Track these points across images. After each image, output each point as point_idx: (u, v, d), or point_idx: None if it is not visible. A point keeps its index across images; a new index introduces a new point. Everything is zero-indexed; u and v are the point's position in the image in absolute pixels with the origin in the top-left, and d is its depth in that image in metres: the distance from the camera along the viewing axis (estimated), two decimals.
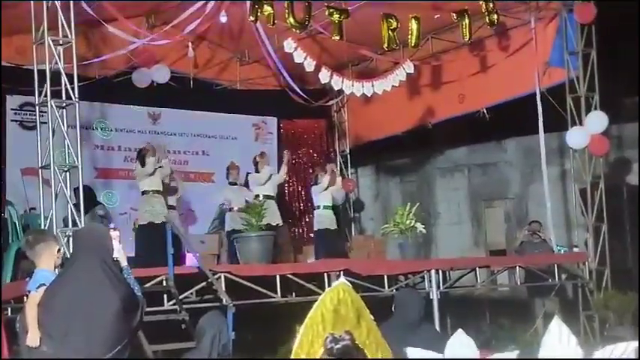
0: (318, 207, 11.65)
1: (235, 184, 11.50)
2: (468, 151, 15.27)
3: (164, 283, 8.22)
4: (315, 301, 3.98)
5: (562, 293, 10.96)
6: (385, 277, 9.35)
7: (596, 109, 10.85)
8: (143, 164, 10.06)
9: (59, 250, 5.63)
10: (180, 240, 9.19)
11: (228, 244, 10.69)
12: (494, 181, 15.11)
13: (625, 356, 3.24)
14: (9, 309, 6.43)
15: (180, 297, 8.19)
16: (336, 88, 11.13)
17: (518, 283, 11.04)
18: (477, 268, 10.74)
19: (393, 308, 6.70)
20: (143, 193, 10.23)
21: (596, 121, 10.74)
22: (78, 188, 8.45)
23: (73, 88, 8.18)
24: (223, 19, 9.51)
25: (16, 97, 10.93)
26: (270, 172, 11.16)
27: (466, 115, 12.54)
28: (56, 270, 5.32)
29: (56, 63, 8.14)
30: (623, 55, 11.68)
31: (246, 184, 11.55)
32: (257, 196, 10.56)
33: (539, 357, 3.31)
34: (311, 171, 12.84)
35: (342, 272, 4.53)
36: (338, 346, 3.55)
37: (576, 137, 10.90)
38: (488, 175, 15.24)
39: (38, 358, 4.89)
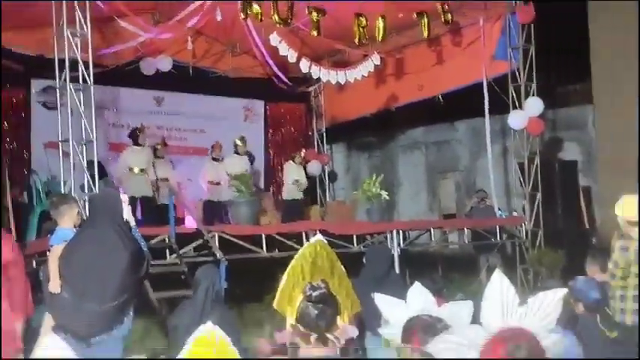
0: (288, 182, 12.04)
1: (217, 159, 11.55)
2: (425, 131, 15.36)
3: (166, 240, 8.22)
4: (295, 255, 3.99)
5: (502, 251, 11.08)
6: (354, 236, 9.41)
7: (533, 95, 10.93)
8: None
9: (78, 212, 5.61)
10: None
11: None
12: (447, 157, 15.19)
13: (553, 302, 3.27)
14: (34, 262, 6.38)
15: (180, 252, 8.20)
16: (314, 77, 11.18)
17: (466, 241, 11.13)
18: (432, 229, 10.85)
19: (365, 260, 6.73)
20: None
21: (534, 105, 10.82)
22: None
23: (88, 74, 8.18)
24: (218, 16, 9.44)
25: (40, 81, 10.91)
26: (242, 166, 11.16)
27: (424, 101, 12.63)
28: (75, 228, 5.29)
29: (74, 52, 8.14)
30: (557, 50, 11.69)
31: None
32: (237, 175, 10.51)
33: (483, 304, 3.34)
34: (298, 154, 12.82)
35: (317, 231, 4.54)
36: (315, 293, 3.55)
37: (516, 119, 10.97)
38: (441, 151, 15.32)
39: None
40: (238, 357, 3.10)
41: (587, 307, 5.79)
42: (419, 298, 4.30)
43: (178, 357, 3.04)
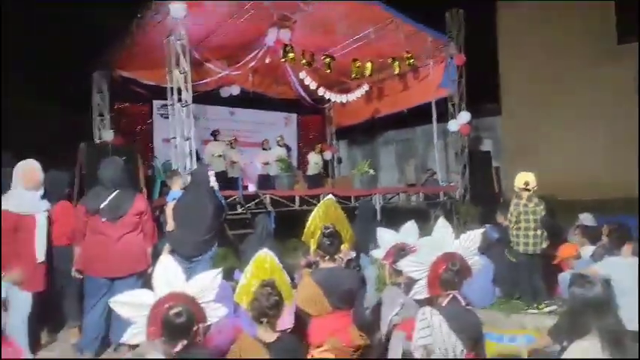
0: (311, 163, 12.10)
1: (265, 149, 11.62)
2: (396, 132, 15.25)
3: (237, 199, 8.26)
4: (315, 208, 3.99)
5: (444, 207, 11.00)
6: (352, 197, 9.39)
7: (463, 110, 10.80)
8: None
9: (182, 181, 5.66)
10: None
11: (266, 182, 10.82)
12: (409, 149, 15.09)
13: (475, 237, 3.27)
14: (157, 211, 6.40)
15: (246, 206, 8.25)
16: (327, 98, 11.08)
17: (422, 200, 11.10)
18: (400, 193, 10.81)
19: (356, 212, 6.74)
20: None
21: (464, 116, 10.69)
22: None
23: (188, 97, 8.10)
24: (267, 60, 9.40)
25: (159, 101, 10.84)
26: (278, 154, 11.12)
27: (395, 113, 12.48)
28: (181, 191, 5.34)
29: (179, 83, 8.10)
30: (480, 82, 11.52)
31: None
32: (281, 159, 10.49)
33: (433, 237, 3.33)
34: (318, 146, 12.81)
35: (329, 194, 4.59)
36: (327, 231, 3.57)
37: (453, 125, 10.86)
38: (406, 145, 15.22)
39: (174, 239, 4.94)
40: (282, 270, 3.15)
41: (491, 243, 5.82)
42: (408, 231, 4.32)
43: (245, 271, 3.10)
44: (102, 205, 4.07)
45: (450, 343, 2.85)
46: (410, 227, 4.29)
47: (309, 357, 3.21)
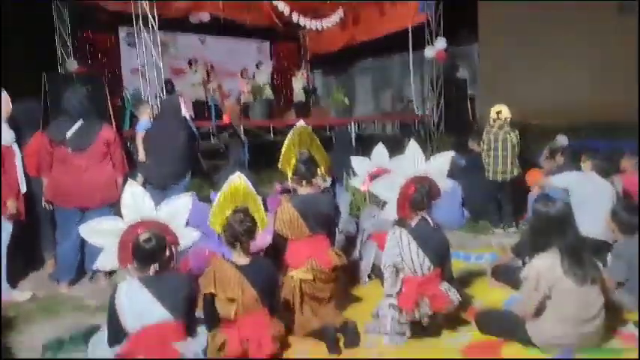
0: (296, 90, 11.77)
1: (244, 77, 11.38)
2: (372, 60, 14.93)
3: (210, 129, 8.16)
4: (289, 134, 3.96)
5: (419, 135, 11.07)
6: (327, 126, 9.36)
7: (439, 36, 10.62)
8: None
9: (151, 111, 5.53)
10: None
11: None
12: (386, 78, 14.87)
13: (445, 160, 3.33)
14: (128, 142, 6.25)
15: (218, 136, 8.18)
16: (302, 24, 10.72)
17: (396, 129, 11.13)
18: (375, 121, 10.82)
19: (334, 140, 6.74)
20: None
21: (440, 43, 10.54)
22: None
23: (155, 24, 7.77)
24: None
25: (125, 28, 10.46)
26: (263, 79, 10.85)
27: (371, 41, 12.16)
28: (149, 121, 5.23)
29: (144, 10, 7.77)
30: (458, 9, 11.20)
31: None
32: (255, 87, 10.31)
33: (404, 159, 3.37)
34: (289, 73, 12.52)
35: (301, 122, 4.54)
36: (303, 157, 3.56)
37: (429, 52, 10.70)
38: (383, 74, 15.00)
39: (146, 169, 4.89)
40: (256, 195, 3.15)
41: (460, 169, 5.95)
42: (379, 153, 4.37)
43: (218, 196, 3.09)
44: (67, 135, 3.97)
45: (418, 260, 2.96)
46: (380, 150, 4.36)
47: (286, 278, 3.29)
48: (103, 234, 2.74)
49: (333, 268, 3.34)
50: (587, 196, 4.06)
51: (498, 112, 5.56)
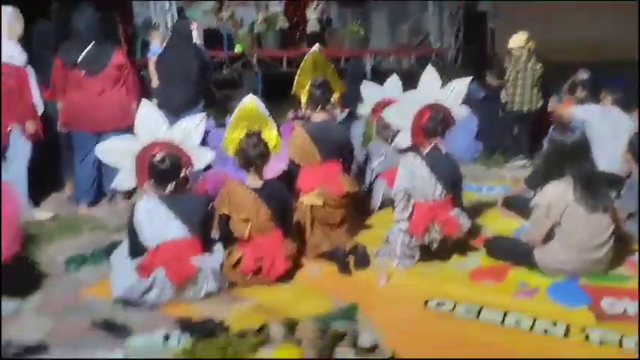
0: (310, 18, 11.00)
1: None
2: None
3: (223, 58, 8.02)
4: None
5: (437, 67, 10.76)
6: (342, 58, 9.15)
7: None
8: None
9: (162, 36, 5.47)
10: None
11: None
12: (404, 13, 14.35)
13: (461, 87, 3.27)
14: (142, 70, 6.17)
15: (231, 66, 8.05)
16: None
17: (413, 61, 10.91)
18: (392, 55, 10.59)
19: (347, 72, 6.61)
20: None
21: None
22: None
23: None
24: None
25: None
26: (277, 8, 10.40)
27: None
28: (162, 46, 5.17)
29: None
30: None
31: None
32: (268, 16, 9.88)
33: (420, 85, 3.33)
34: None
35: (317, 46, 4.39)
36: (318, 82, 3.52)
37: None
38: (400, 10, 14.47)
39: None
40: (269, 118, 3.16)
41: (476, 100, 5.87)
42: (392, 84, 4.32)
43: (230, 119, 3.10)
44: (80, 58, 3.95)
45: (430, 185, 2.99)
46: (394, 81, 4.30)
47: (298, 202, 3.34)
48: (118, 154, 2.80)
49: (344, 194, 3.37)
50: (606, 129, 4.06)
51: (527, 39, 5.43)
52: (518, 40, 5.56)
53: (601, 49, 10.22)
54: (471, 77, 3.67)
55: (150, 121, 2.82)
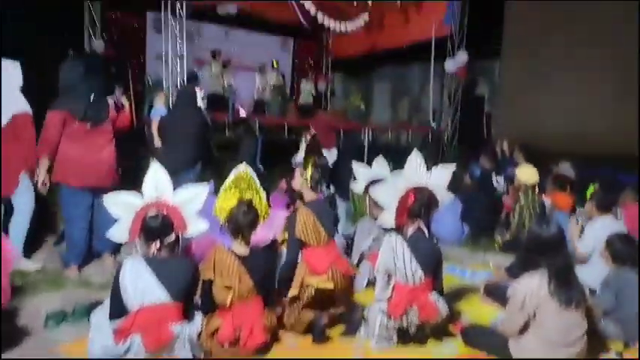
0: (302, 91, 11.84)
1: (262, 73, 11.51)
2: (393, 67, 15.02)
3: (226, 121, 8.31)
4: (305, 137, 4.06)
5: (430, 146, 11.15)
6: (341, 130, 9.43)
7: (461, 49, 10.71)
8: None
9: (166, 98, 5.69)
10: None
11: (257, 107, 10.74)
12: (405, 85, 14.96)
13: (447, 172, 3.41)
14: (144, 126, 6.41)
15: (233, 130, 8.33)
16: (326, 25, 10.81)
17: (410, 140, 11.25)
18: (390, 130, 10.94)
19: (341, 146, 6.84)
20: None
21: (462, 56, 10.64)
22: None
23: (182, 11, 7.96)
24: None
25: (152, 13, 10.57)
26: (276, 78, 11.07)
27: (394, 48, 12.26)
28: (164, 108, 5.39)
29: None
30: (480, 22, 11.24)
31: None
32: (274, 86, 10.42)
33: (405, 169, 3.47)
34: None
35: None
36: (321, 163, 3.65)
37: (450, 65, 10.80)
38: (402, 81, 15.08)
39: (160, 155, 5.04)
40: (260, 189, 3.28)
41: (471, 178, 6.04)
42: (379, 165, 4.49)
43: (223, 185, 3.23)
44: (84, 110, 3.95)
45: (411, 268, 3.08)
46: (380, 161, 4.49)
47: (304, 285, 3.32)
48: (123, 206, 2.90)
49: (351, 274, 3.42)
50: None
51: (536, 181, 5.39)
52: (531, 176, 5.40)
53: (597, 140, 10.56)
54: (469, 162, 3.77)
55: (157, 182, 2.96)
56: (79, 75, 4.03)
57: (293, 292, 3.20)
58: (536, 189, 5.39)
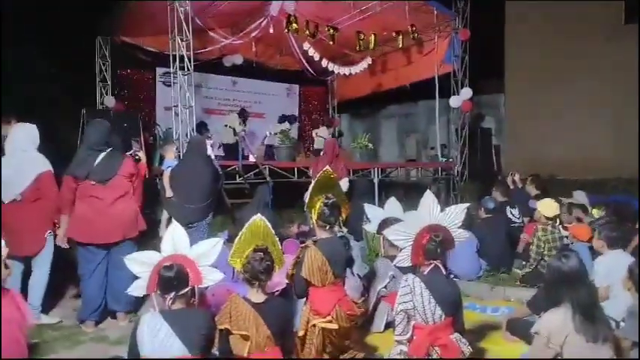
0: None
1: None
2: (398, 106, 15.26)
3: (237, 168, 8.38)
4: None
5: (442, 182, 11.13)
6: (351, 170, 9.45)
7: (465, 86, 10.82)
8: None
9: (177, 150, 5.77)
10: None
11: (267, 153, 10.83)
12: (411, 123, 15.14)
13: (460, 211, 3.38)
14: (157, 179, 6.52)
15: (245, 176, 8.38)
16: (330, 70, 11.04)
17: (420, 176, 11.23)
18: (399, 168, 10.94)
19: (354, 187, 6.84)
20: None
21: (466, 92, 10.72)
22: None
23: (190, 65, 8.17)
24: (271, 30, 9.32)
25: (162, 68, 10.93)
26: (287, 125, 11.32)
27: (398, 87, 12.46)
28: (175, 159, 5.46)
29: (182, 51, 8.14)
30: (485, 59, 11.44)
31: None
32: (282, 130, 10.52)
33: (419, 209, 3.45)
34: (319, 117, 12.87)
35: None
36: (329, 201, 3.65)
37: (455, 101, 10.88)
38: (408, 120, 15.26)
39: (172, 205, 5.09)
40: (275, 237, 3.28)
41: (486, 212, 5.98)
42: (391, 206, 4.49)
43: (239, 234, 3.23)
44: (90, 168, 4.06)
45: (430, 308, 3.02)
46: (393, 203, 4.49)
47: (309, 324, 3.30)
48: (143, 264, 2.93)
49: (355, 316, 3.37)
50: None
51: (556, 215, 5.31)
52: (552, 209, 5.26)
53: (605, 166, 10.52)
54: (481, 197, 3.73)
55: (174, 239, 2.99)
56: (95, 133, 4.20)
57: (300, 332, 3.19)
58: (556, 221, 5.32)
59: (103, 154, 4.10)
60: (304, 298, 3.41)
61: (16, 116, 4.60)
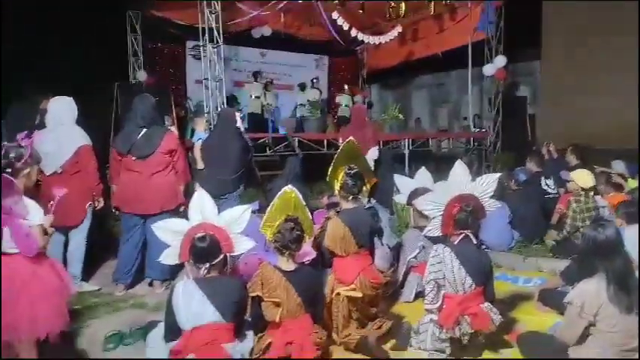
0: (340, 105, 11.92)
1: (302, 90, 11.68)
2: (430, 76, 14.94)
3: (267, 141, 8.43)
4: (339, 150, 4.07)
5: (475, 153, 10.95)
6: (381, 142, 9.35)
7: (499, 53, 10.51)
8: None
9: (207, 122, 5.82)
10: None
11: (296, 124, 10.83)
12: (443, 93, 14.83)
13: (491, 180, 3.33)
14: (189, 151, 6.56)
15: (274, 148, 8.43)
16: (359, 39, 10.85)
17: (452, 147, 11.07)
18: (430, 138, 10.80)
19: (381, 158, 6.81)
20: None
21: (500, 60, 10.43)
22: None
23: (219, 37, 8.19)
24: (300, 1, 9.20)
25: (191, 41, 10.99)
26: (315, 95, 11.28)
27: (430, 56, 12.18)
28: (206, 132, 5.52)
29: (211, 23, 8.15)
30: (520, 25, 11.02)
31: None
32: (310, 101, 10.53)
33: (450, 179, 3.42)
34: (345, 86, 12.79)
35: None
36: (352, 171, 3.66)
37: (489, 69, 10.61)
38: (440, 90, 14.95)
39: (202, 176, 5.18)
40: (305, 207, 3.31)
41: (516, 184, 5.87)
42: (422, 177, 4.45)
43: (271, 204, 3.27)
44: (132, 144, 4.20)
45: (460, 277, 3.02)
46: (423, 173, 4.44)
47: (334, 292, 3.37)
48: (171, 232, 3.00)
49: (379, 284, 3.40)
50: None
51: (591, 186, 5.11)
52: (588, 180, 5.10)
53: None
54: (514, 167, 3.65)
55: (202, 206, 3.04)
56: (140, 109, 4.31)
57: (326, 300, 3.29)
58: (592, 192, 5.18)
59: (144, 130, 4.21)
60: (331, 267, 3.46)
61: (53, 91, 4.69)
